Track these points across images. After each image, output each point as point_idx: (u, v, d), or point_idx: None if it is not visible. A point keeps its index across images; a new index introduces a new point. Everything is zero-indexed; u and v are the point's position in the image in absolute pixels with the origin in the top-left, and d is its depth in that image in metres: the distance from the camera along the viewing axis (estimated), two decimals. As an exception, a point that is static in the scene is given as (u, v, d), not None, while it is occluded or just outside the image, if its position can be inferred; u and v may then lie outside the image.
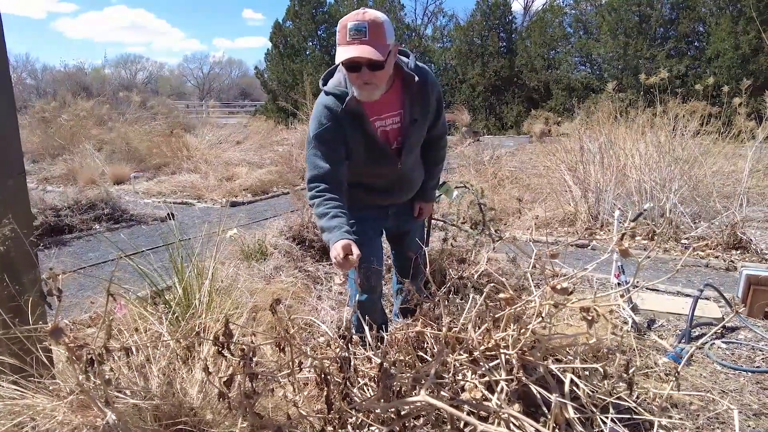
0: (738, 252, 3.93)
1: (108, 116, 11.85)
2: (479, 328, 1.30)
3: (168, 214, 5.29)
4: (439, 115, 1.96)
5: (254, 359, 1.42)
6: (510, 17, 20.68)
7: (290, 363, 1.44)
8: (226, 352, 1.39)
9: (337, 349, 1.64)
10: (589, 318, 1.13)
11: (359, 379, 1.48)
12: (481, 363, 1.25)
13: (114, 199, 5.16)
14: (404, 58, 1.82)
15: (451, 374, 1.22)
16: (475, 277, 2.15)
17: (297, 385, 1.54)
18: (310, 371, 1.54)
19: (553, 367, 1.22)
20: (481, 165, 6.13)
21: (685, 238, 4.21)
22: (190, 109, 21.73)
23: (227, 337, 1.37)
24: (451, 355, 1.25)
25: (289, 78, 19.89)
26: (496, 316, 1.27)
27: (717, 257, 3.88)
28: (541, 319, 1.25)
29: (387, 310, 2.72)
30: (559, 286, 1.23)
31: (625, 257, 1.34)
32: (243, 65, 55.37)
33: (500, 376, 1.28)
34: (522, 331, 1.28)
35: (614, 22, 17.92)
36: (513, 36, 20.71)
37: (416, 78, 1.77)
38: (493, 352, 1.31)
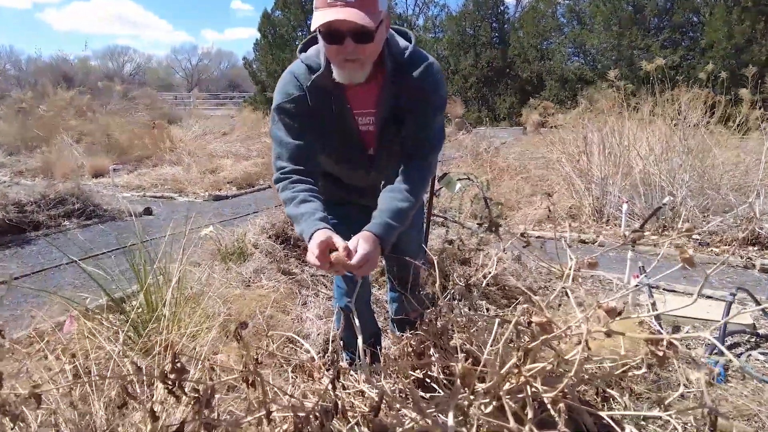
0: (755, 248, 3.68)
1: (88, 107, 11.40)
2: (503, 360, 1.00)
3: (144, 209, 4.94)
4: (416, 119, 1.43)
5: (214, 399, 1.12)
6: (502, 7, 20.33)
7: (261, 402, 1.14)
8: (178, 392, 1.09)
9: (323, 378, 1.34)
10: (660, 353, 0.84)
11: (350, 419, 1.18)
12: (507, 406, 0.95)
13: (86, 193, 4.80)
14: (402, 41, 1.46)
15: (474, 429, 0.93)
16: (484, 282, 1.85)
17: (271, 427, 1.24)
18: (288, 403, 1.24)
19: (605, 414, 0.93)
20: (479, 156, 5.84)
21: (697, 234, 3.95)
22: (179, 100, 21.22)
23: (178, 373, 1.06)
24: (469, 398, 0.95)
25: (279, 68, 19.38)
26: (530, 347, 0.98)
27: (733, 254, 3.63)
28: (584, 345, 0.95)
29: (381, 318, 2.42)
30: (607, 306, 0.93)
31: (690, 267, 1.05)
32: (232, 56, 54.62)
33: (529, 418, 0.99)
34: (558, 363, 0.99)
35: (608, 13, 17.64)
36: (505, 26, 20.40)
37: (388, 66, 1.37)
38: (520, 391, 1.01)
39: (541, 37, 19.60)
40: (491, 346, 1.01)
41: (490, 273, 1.94)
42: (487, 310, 2.42)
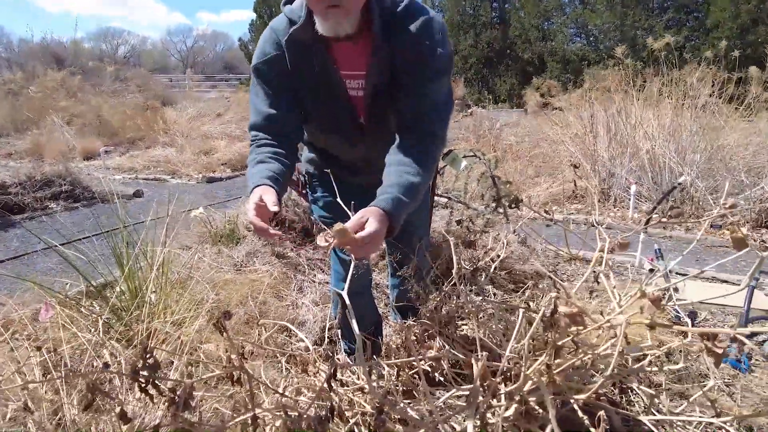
0: (768, 231, 3.55)
1: (80, 88, 11.12)
2: (528, 358, 0.86)
3: (135, 192, 4.78)
4: (414, 81, 1.23)
5: (194, 398, 0.98)
6: (503, -14, 19.93)
7: (250, 398, 1.00)
8: (152, 390, 0.95)
9: (318, 373, 1.20)
10: (719, 351, 0.70)
11: (348, 419, 1.05)
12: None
13: (74, 174, 4.63)
14: None
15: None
16: (493, 266, 1.71)
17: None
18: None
19: (646, 419, 0.79)
20: (482, 136, 5.67)
21: (707, 216, 3.81)
22: (174, 83, 20.86)
23: (151, 369, 0.92)
24: (488, 402, 0.82)
25: (275, 49, 18.97)
26: (560, 342, 0.84)
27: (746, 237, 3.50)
28: (623, 339, 0.81)
29: (381, 304, 2.29)
30: (653, 295, 0.79)
31: (740, 249, 0.91)
32: (228, 38, 53.85)
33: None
34: (592, 361, 0.85)
35: (611, -8, 17.29)
36: (506, 6, 20.01)
37: (377, 16, 1.18)
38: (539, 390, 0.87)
39: (542, 17, 19.22)
40: (515, 342, 0.87)
41: (499, 256, 1.80)
42: (494, 295, 2.29)
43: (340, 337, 1.67)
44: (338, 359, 1.16)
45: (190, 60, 48.51)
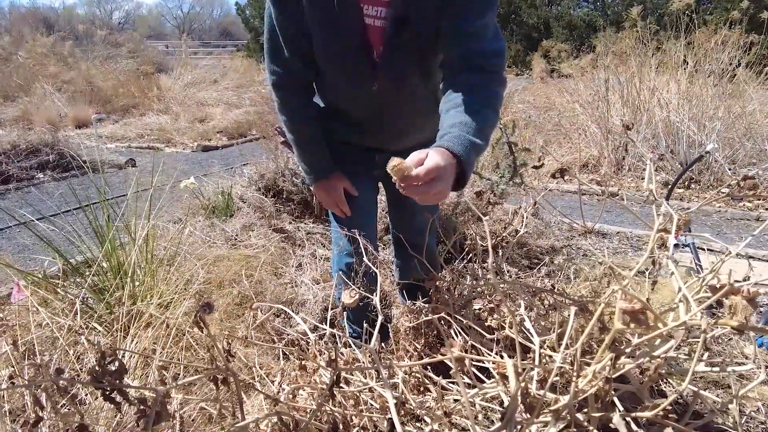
0: (793, 202, 3.38)
1: (70, 54, 10.74)
2: (582, 365, 0.69)
3: (127, 161, 4.58)
4: (460, 22, 1.04)
5: (172, 404, 0.82)
6: (508, -53, 19.11)
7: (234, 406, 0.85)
8: (118, 397, 0.79)
9: (318, 369, 1.04)
10: None
11: (354, 425, 0.90)
12: None
13: (62, 142, 4.42)
14: None
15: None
16: (514, 240, 1.54)
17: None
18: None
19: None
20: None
21: (727, 187, 3.63)
22: (170, 49, 20.31)
23: (115, 375, 0.75)
24: (532, 420, 0.66)
25: (272, 14, 18.34)
26: (628, 349, 0.67)
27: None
28: (703, 344, 0.65)
29: (387, 281, 2.13)
30: (748, 293, 0.62)
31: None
32: (225, 4, 52.38)
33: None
34: (656, 368, 0.69)
35: (621, -47, 16.58)
36: (512, -32, 19.25)
37: None
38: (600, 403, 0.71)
39: (549, -20, 18.53)
40: (566, 347, 0.70)
41: (518, 231, 1.63)
42: (508, 272, 2.13)
43: (345, 320, 1.51)
44: (342, 353, 1.00)
45: (186, 26, 47.30)
